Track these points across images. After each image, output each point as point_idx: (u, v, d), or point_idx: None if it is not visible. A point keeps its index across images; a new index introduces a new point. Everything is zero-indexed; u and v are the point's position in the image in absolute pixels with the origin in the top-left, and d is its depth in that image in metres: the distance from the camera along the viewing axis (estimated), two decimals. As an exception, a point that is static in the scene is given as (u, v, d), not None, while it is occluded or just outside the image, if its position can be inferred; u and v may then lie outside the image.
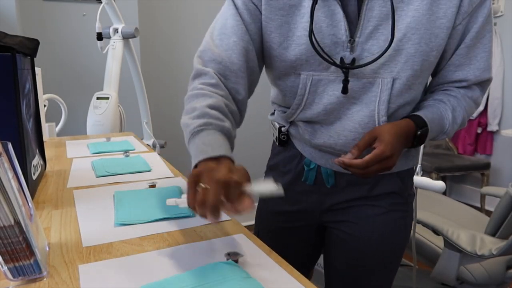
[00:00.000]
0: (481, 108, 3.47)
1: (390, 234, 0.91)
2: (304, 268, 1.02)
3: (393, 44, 0.74)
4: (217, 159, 0.62)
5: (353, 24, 0.76)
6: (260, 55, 0.85)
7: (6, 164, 0.52)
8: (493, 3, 3.35)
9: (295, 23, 0.78)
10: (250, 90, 0.86)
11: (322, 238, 1.01)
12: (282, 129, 0.96)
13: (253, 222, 1.11)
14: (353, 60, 0.77)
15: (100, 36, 1.88)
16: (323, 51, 0.76)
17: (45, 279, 0.56)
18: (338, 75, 0.79)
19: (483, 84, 0.86)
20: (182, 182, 1.02)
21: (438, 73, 0.87)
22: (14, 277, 0.54)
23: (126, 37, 1.98)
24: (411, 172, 0.94)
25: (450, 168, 3.21)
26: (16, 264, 0.53)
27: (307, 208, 0.96)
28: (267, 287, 0.54)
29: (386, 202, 0.90)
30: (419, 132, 0.78)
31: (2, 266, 0.53)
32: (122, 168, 1.13)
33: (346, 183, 0.90)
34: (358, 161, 0.74)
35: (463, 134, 3.65)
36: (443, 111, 0.83)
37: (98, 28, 1.87)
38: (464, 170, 3.26)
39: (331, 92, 0.81)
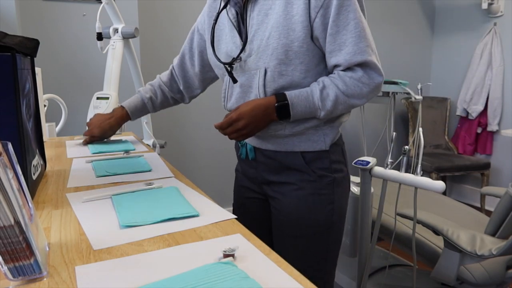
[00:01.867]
0: (481, 108, 3.47)
1: (304, 207, 1.06)
2: (269, 235, 1.20)
3: (263, 42, 0.99)
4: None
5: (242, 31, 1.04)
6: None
7: (6, 164, 0.52)
8: (492, 3, 3.35)
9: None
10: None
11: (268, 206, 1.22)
12: None
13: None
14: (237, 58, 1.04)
15: (100, 36, 1.88)
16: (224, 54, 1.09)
17: (45, 279, 0.56)
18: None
19: (362, 65, 0.98)
20: (181, 182, 1.02)
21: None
22: (14, 277, 0.54)
23: (126, 37, 1.98)
24: (320, 156, 1.06)
25: (450, 168, 3.21)
26: (16, 264, 0.53)
27: (252, 180, 1.19)
28: (265, 287, 0.54)
29: (295, 178, 1.07)
30: (276, 104, 0.98)
31: (2, 266, 0.53)
32: (122, 168, 1.13)
33: (263, 157, 1.11)
34: (218, 123, 1.01)
35: (463, 134, 3.65)
36: (312, 88, 0.99)
37: (98, 28, 1.87)
38: (464, 170, 3.27)
39: (231, 84, 1.10)
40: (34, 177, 0.93)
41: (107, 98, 1.87)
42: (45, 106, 1.72)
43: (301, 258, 1.09)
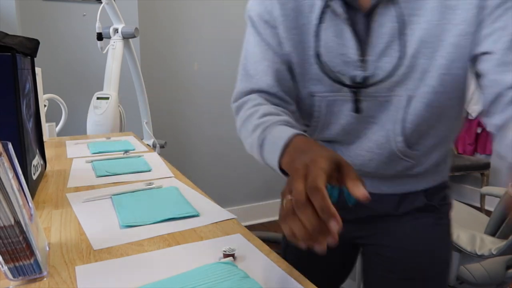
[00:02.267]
0: (481, 108, 3.47)
1: (422, 240, 0.85)
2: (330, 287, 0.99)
3: (406, 61, 0.70)
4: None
5: (364, 42, 0.73)
6: (292, 73, 0.81)
7: (6, 164, 0.52)
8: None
9: (308, 42, 0.75)
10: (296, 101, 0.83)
11: (351, 257, 0.98)
12: None
13: (252, 223, 1.11)
14: (366, 78, 0.73)
15: (100, 36, 1.88)
16: (332, 71, 0.74)
17: (45, 279, 0.56)
18: (353, 95, 0.76)
19: None
20: (181, 182, 1.02)
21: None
22: (14, 277, 0.54)
23: (126, 37, 1.98)
24: (441, 187, 0.88)
25: (450, 168, 3.21)
26: (16, 264, 0.53)
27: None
28: (265, 287, 0.54)
29: (411, 215, 0.86)
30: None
31: (2, 266, 0.53)
32: (122, 168, 1.13)
33: (372, 200, 0.82)
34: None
35: (463, 134, 3.65)
36: None
37: (98, 28, 1.87)
38: (464, 170, 3.26)
39: (347, 112, 0.77)
40: (34, 177, 0.93)
41: (107, 98, 1.88)
42: (45, 106, 1.72)
43: None
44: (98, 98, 1.88)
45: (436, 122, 0.76)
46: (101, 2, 1.86)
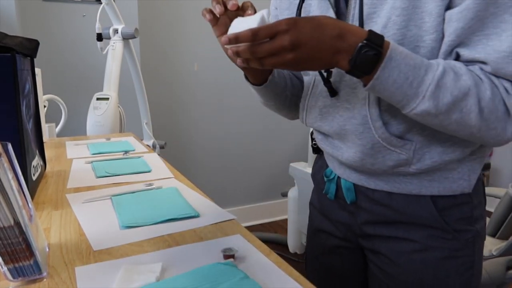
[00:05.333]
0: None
1: (432, 276, 0.73)
2: None
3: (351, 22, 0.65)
4: None
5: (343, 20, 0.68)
6: None
7: (6, 165, 0.52)
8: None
9: None
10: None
11: (363, 268, 0.89)
12: (313, 135, 0.87)
13: (252, 223, 1.12)
14: None
15: (100, 37, 1.88)
16: None
17: (45, 279, 0.56)
18: (327, 76, 0.72)
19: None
20: (181, 183, 1.02)
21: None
22: (14, 277, 0.54)
23: (126, 38, 1.98)
24: (460, 201, 0.72)
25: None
26: (16, 265, 0.53)
27: (341, 226, 0.85)
28: (266, 288, 0.54)
29: (419, 235, 0.73)
30: (364, 41, 0.56)
31: (2, 267, 0.53)
32: (122, 168, 1.13)
33: (368, 202, 0.77)
34: (245, 31, 0.56)
35: (463, 135, 3.65)
36: (434, 62, 0.59)
37: (98, 28, 1.87)
38: (464, 170, 3.26)
39: (325, 94, 0.73)
40: (34, 178, 0.93)
41: (107, 99, 1.88)
42: (45, 106, 1.72)
43: None
44: (98, 99, 1.88)
45: None
46: (101, 3, 1.86)
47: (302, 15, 0.73)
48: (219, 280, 0.54)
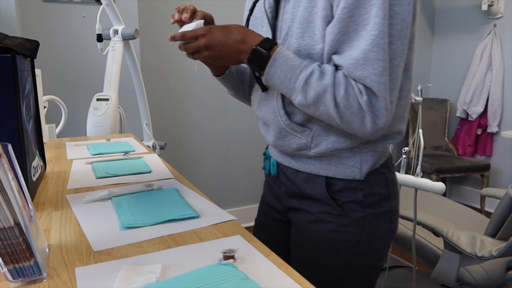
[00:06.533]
0: (481, 109, 3.47)
1: (323, 246, 0.87)
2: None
3: (280, 40, 0.82)
4: None
5: (273, 27, 0.87)
6: None
7: (6, 166, 0.52)
8: (492, 5, 3.35)
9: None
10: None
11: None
12: None
13: (252, 224, 1.13)
14: None
15: (100, 38, 1.88)
16: None
17: (45, 280, 0.56)
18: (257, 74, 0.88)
19: (367, 88, 0.74)
20: (181, 184, 1.02)
21: None
22: (14, 278, 0.54)
23: (126, 39, 1.98)
24: (352, 186, 0.84)
25: (450, 170, 3.21)
26: (16, 266, 0.53)
27: (277, 199, 1.00)
28: (266, 289, 0.54)
29: (316, 209, 0.87)
30: (254, 47, 0.76)
31: (2, 268, 0.53)
32: (122, 169, 1.13)
33: (284, 176, 0.93)
34: (178, 33, 0.80)
35: (463, 136, 3.65)
36: (308, 64, 0.76)
37: (98, 29, 1.87)
38: (464, 171, 3.26)
39: (259, 90, 0.91)
40: (34, 179, 0.93)
41: (107, 100, 1.87)
42: (45, 107, 1.72)
43: None
44: (98, 100, 1.88)
45: None
46: (101, 4, 1.86)
47: (254, 26, 0.92)
48: (219, 281, 0.54)
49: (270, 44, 0.77)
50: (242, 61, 0.80)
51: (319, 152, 0.83)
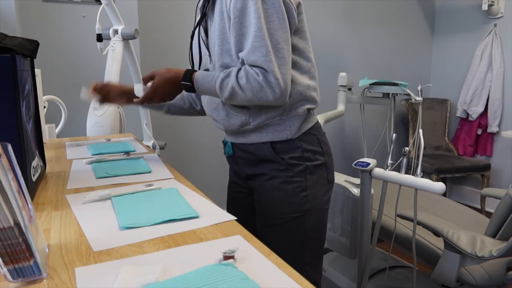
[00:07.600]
0: (481, 109, 3.47)
1: (277, 196, 1.10)
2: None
3: (213, 51, 1.08)
4: None
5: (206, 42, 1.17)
6: None
7: (6, 166, 0.52)
8: (492, 5, 3.35)
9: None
10: None
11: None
12: None
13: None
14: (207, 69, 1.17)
15: (100, 38, 1.88)
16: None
17: (44, 280, 0.56)
18: None
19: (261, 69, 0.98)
20: (181, 184, 1.02)
21: None
22: (13, 278, 0.54)
23: (126, 39, 1.98)
24: (290, 145, 1.09)
25: (450, 170, 3.21)
26: (16, 266, 0.53)
27: (238, 176, 1.24)
28: (267, 289, 0.54)
29: (268, 169, 1.11)
30: (182, 83, 1.06)
31: (1, 268, 0.53)
32: (122, 169, 1.13)
33: (240, 151, 1.16)
34: (145, 96, 1.11)
35: (463, 136, 3.65)
36: (218, 75, 1.03)
37: (98, 29, 1.87)
38: (464, 171, 3.26)
39: (204, 97, 1.21)
40: (34, 179, 0.93)
41: (107, 100, 1.87)
42: (44, 107, 1.72)
43: (280, 248, 1.04)
44: (98, 100, 1.88)
45: None
46: (101, 3, 1.86)
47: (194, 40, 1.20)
48: (219, 281, 0.54)
49: (189, 74, 1.06)
50: (182, 91, 1.11)
51: (257, 124, 1.08)
